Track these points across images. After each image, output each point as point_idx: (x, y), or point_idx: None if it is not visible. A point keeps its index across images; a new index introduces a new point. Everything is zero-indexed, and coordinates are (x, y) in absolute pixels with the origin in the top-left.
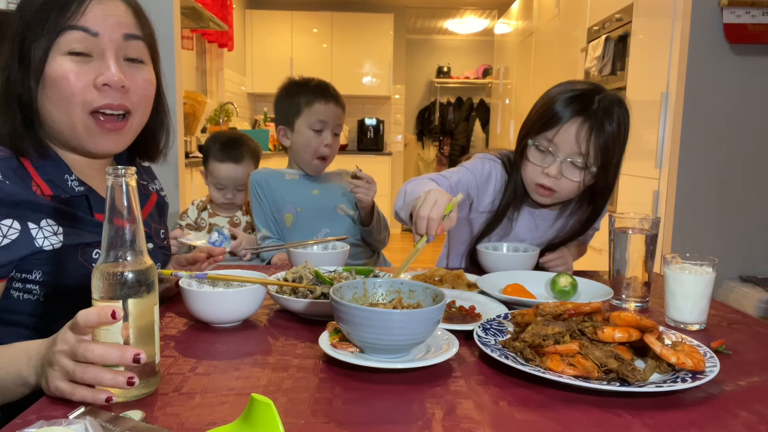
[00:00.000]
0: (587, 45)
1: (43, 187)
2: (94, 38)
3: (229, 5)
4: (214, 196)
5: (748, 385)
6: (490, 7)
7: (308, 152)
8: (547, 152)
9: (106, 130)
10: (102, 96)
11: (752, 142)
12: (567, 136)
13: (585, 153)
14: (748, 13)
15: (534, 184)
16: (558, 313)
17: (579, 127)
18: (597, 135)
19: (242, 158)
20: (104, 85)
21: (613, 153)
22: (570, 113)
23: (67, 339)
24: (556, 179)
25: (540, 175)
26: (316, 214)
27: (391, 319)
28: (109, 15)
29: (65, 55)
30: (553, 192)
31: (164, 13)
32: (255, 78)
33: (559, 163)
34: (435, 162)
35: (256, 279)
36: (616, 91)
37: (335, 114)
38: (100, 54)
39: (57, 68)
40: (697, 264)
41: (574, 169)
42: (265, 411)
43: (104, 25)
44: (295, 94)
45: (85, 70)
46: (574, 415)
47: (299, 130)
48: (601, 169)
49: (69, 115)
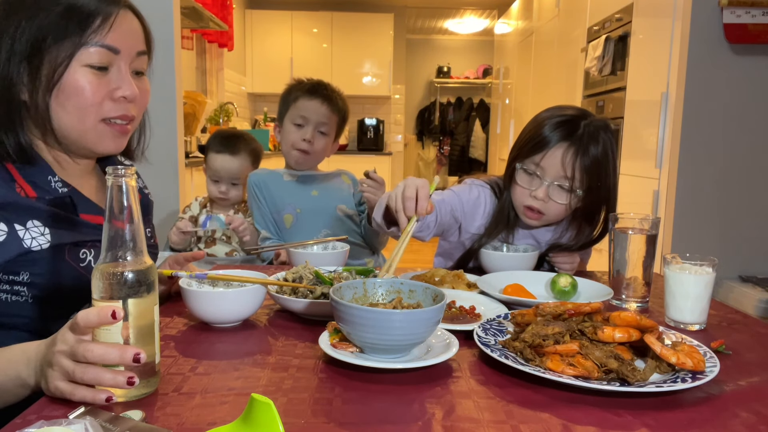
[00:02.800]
0: (587, 45)
1: (26, 189)
2: (114, 55)
3: (229, 5)
4: (210, 191)
5: (748, 385)
6: (490, 7)
7: (287, 144)
8: (535, 175)
9: (116, 133)
10: (117, 107)
11: (752, 142)
12: (553, 160)
13: (571, 177)
14: (748, 13)
15: (522, 207)
16: (558, 313)
17: (564, 152)
18: (582, 159)
19: (239, 151)
20: (122, 97)
21: (599, 176)
22: (556, 138)
23: (67, 339)
24: (544, 202)
25: (528, 197)
26: (316, 215)
27: (391, 319)
28: (128, 33)
29: (84, 66)
30: (542, 215)
31: (164, 13)
32: (255, 78)
33: (546, 187)
34: (435, 162)
35: (256, 279)
36: (616, 91)
37: (319, 111)
38: (117, 68)
39: (77, 79)
40: (697, 264)
41: (561, 192)
42: (265, 411)
43: (124, 44)
44: (288, 91)
45: (104, 83)
46: (574, 415)
47: (284, 125)
48: (588, 191)
49: (83, 122)
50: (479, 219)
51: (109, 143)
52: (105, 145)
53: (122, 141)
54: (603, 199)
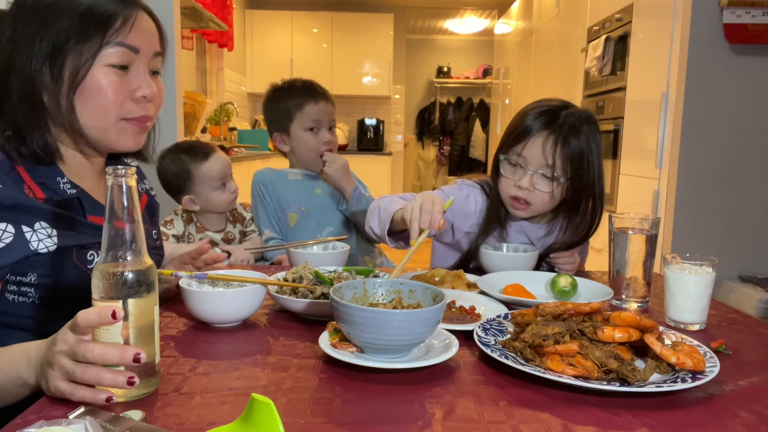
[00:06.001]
0: (587, 45)
1: (35, 190)
2: (135, 54)
3: (229, 5)
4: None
5: (748, 385)
6: (490, 7)
7: (311, 153)
8: (518, 166)
9: (136, 130)
10: (138, 107)
11: (752, 141)
12: (534, 149)
13: (552, 165)
14: (748, 13)
15: (509, 198)
16: (558, 313)
17: (545, 140)
18: (562, 146)
19: (213, 149)
20: (143, 97)
21: (581, 164)
22: (537, 127)
23: (67, 339)
24: (529, 191)
25: (513, 187)
26: (320, 213)
27: (391, 319)
28: (147, 33)
29: (106, 66)
30: (528, 205)
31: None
32: (255, 78)
33: (529, 176)
34: (435, 162)
35: (256, 279)
36: (616, 91)
37: (326, 111)
38: (136, 68)
39: (100, 79)
40: (697, 264)
41: (545, 181)
42: (265, 411)
43: (143, 44)
44: (282, 99)
45: (125, 82)
46: (574, 415)
47: (295, 134)
48: (571, 180)
49: (104, 121)
50: (471, 218)
51: (129, 140)
52: (125, 142)
53: (141, 137)
54: (588, 188)
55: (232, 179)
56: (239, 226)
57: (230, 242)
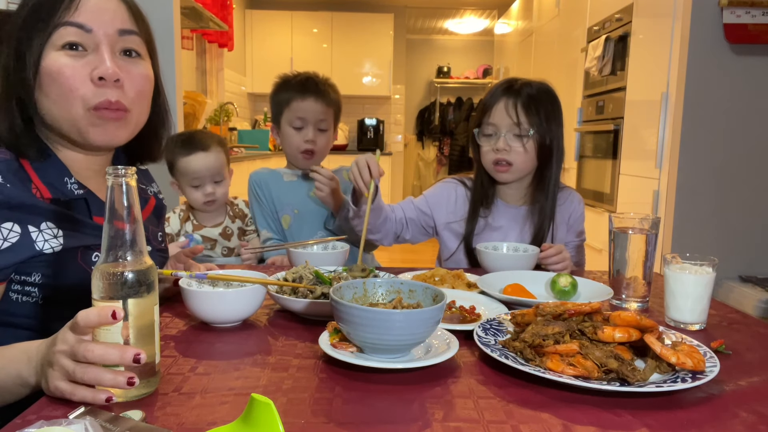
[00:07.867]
0: (587, 45)
1: (42, 190)
2: (88, 34)
3: (229, 5)
4: (193, 199)
5: (748, 385)
6: (490, 7)
7: (291, 148)
8: (492, 135)
9: (107, 119)
10: (100, 92)
11: (752, 141)
12: (500, 113)
13: (518, 122)
14: (748, 13)
15: (492, 165)
16: (558, 313)
17: (506, 103)
18: (522, 104)
19: (209, 146)
20: (100, 78)
21: (538, 112)
22: (499, 94)
23: (67, 339)
24: (507, 151)
25: (492, 153)
26: (313, 216)
27: (391, 319)
28: (102, 10)
29: (59, 50)
30: (510, 165)
31: (164, 13)
32: (255, 78)
33: (503, 138)
34: (435, 162)
35: (256, 279)
36: (616, 91)
37: (314, 109)
38: (95, 48)
39: (52, 63)
40: (697, 264)
41: (517, 139)
42: (265, 411)
43: (98, 21)
44: (277, 91)
45: (81, 64)
46: (574, 415)
47: (283, 128)
48: (537, 130)
49: (69, 111)
50: (450, 206)
51: (100, 133)
52: (96, 135)
53: (119, 132)
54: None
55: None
56: (239, 222)
57: (229, 238)
